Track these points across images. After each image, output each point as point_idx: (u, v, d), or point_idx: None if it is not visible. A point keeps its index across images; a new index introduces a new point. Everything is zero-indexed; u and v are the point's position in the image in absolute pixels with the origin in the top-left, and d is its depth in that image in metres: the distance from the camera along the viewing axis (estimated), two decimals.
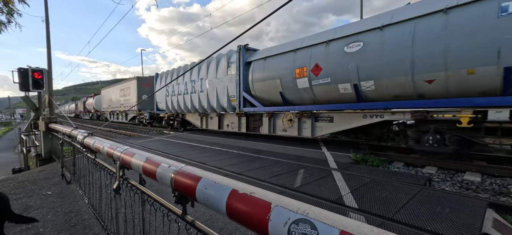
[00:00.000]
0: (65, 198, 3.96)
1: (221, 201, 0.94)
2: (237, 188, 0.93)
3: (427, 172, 5.49)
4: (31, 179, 5.17)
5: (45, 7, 8.33)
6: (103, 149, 2.35)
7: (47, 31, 8.52)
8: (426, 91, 5.90)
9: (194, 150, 7.84)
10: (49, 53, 8.53)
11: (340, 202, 3.34)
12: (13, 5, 7.37)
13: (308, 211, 0.69)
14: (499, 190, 4.40)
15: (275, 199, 0.79)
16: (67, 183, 4.72)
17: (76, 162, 4.38)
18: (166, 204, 1.49)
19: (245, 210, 0.85)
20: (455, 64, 5.27)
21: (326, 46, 7.40)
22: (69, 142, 4.51)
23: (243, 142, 9.49)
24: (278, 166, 5.43)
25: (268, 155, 6.68)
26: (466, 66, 5.16)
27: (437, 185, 4.70)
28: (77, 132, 3.64)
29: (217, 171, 5.03)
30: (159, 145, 9.05)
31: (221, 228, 2.82)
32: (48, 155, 7.52)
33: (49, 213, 3.39)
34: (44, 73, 7.73)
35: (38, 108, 8.12)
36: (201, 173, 1.14)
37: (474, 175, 5.12)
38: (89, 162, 3.28)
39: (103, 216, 2.89)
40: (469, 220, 2.74)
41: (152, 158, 1.52)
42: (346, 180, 4.27)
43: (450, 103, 5.43)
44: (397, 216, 2.88)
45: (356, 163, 5.80)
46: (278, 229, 0.71)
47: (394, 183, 4.08)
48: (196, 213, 3.11)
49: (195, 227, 1.23)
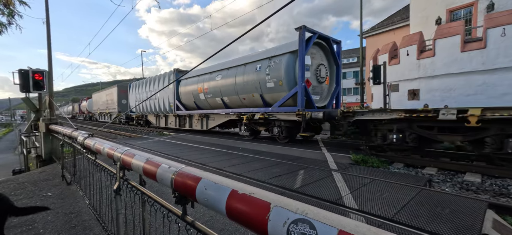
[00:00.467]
0: (65, 199, 3.96)
1: (221, 201, 0.95)
2: (237, 188, 0.93)
3: (427, 173, 5.49)
4: (31, 180, 5.18)
5: (46, 8, 8.36)
6: (104, 150, 2.35)
7: (47, 32, 8.54)
8: (243, 103, 11.35)
9: (193, 150, 7.85)
10: (50, 54, 8.55)
11: (340, 203, 3.34)
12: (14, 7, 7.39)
13: (307, 211, 0.70)
14: (499, 191, 4.40)
15: (274, 199, 0.80)
16: (68, 184, 4.72)
17: (76, 163, 4.38)
18: (166, 205, 1.49)
19: (244, 210, 0.85)
20: (249, 91, 10.69)
21: (209, 75, 12.80)
22: (70, 143, 4.52)
23: (246, 144, 9.50)
24: (278, 167, 5.44)
25: (269, 156, 6.68)
26: (252, 92, 10.57)
27: (437, 186, 4.70)
28: (78, 133, 3.64)
29: (217, 172, 5.04)
30: (159, 146, 9.05)
31: (221, 228, 2.82)
32: (48, 156, 7.53)
33: (50, 214, 3.39)
34: (45, 75, 7.74)
35: (39, 109, 8.13)
36: (201, 174, 1.14)
37: (474, 175, 5.12)
38: (90, 163, 3.28)
39: (104, 217, 2.90)
40: (469, 221, 2.74)
41: (153, 159, 1.53)
42: (346, 181, 4.27)
43: (251, 110, 10.77)
44: (397, 216, 2.88)
45: (356, 164, 5.80)
46: (277, 229, 0.72)
47: (394, 183, 4.08)
48: (196, 214, 3.12)
49: (195, 228, 1.23)
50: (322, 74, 9.66)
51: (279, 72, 9.15)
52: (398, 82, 14.23)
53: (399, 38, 15.85)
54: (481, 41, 10.92)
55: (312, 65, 9.28)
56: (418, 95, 13.17)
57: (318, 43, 9.60)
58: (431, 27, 14.20)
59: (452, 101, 11.58)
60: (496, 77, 10.52)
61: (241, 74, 10.78)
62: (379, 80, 11.15)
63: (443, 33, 12.09)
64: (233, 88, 11.19)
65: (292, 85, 8.96)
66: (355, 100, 41.63)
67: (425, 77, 12.80)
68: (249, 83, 10.43)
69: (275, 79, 9.34)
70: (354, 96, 43.54)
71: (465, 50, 11.31)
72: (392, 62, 14.48)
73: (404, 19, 20.96)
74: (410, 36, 14.19)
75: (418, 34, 13.58)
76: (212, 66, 13.00)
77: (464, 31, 11.60)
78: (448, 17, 14.29)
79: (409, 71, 13.52)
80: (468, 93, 11.27)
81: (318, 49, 9.74)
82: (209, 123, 13.18)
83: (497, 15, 10.87)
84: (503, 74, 10.37)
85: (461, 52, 11.41)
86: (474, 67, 11.04)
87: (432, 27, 13.95)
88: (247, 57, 10.89)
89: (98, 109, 32.36)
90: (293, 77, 8.97)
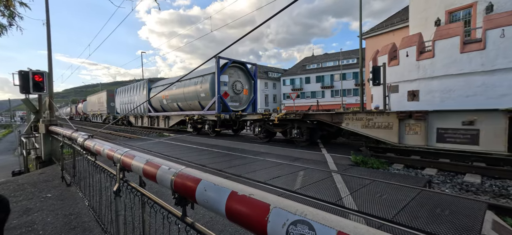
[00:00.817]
0: (65, 201, 3.96)
1: (220, 202, 0.95)
2: (237, 189, 0.93)
3: (427, 174, 5.49)
4: (31, 181, 5.17)
5: (46, 10, 8.37)
6: (104, 151, 2.35)
7: (48, 33, 8.55)
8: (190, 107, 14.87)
9: (193, 151, 7.85)
10: (50, 55, 8.56)
11: (339, 204, 3.34)
12: (14, 8, 7.39)
13: (306, 212, 0.70)
14: (499, 192, 4.41)
15: (274, 201, 0.80)
16: (67, 186, 4.72)
17: (76, 164, 4.37)
18: (166, 206, 1.50)
19: (244, 212, 0.85)
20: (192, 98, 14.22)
21: (169, 86, 15.66)
22: (69, 144, 4.51)
23: (246, 145, 9.50)
24: (278, 168, 5.44)
25: (270, 157, 6.68)
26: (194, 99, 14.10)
27: (437, 187, 4.70)
28: (78, 134, 3.64)
29: (217, 173, 5.04)
30: (159, 147, 9.05)
31: (221, 230, 2.82)
32: (48, 158, 7.52)
33: (49, 216, 3.39)
34: (45, 76, 7.74)
35: (39, 110, 8.13)
36: (201, 175, 1.15)
37: (474, 176, 5.12)
38: (89, 164, 3.28)
39: (103, 218, 2.89)
40: (468, 222, 2.74)
41: (153, 160, 1.53)
42: (346, 182, 4.27)
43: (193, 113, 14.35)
44: (397, 217, 2.88)
45: (356, 165, 5.80)
46: (276, 230, 0.72)
47: (394, 185, 4.08)
48: (196, 215, 3.11)
49: (195, 229, 1.24)
50: (238, 87, 13.46)
51: (207, 86, 12.89)
52: (397, 83, 14.25)
53: (398, 40, 15.89)
54: (480, 42, 10.94)
55: (229, 82, 13.03)
56: (417, 96, 13.19)
57: (235, 66, 13.47)
58: (431, 29, 14.22)
59: (451, 102, 11.59)
60: (496, 78, 10.53)
61: (187, 86, 14.44)
62: (379, 81, 11.16)
63: (442, 35, 12.11)
64: (183, 96, 14.84)
65: (214, 95, 12.50)
66: (355, 101, 41.66)
67: (424, 78, 12.81)
68: (191, 93, 14.16)
69: (205, 91, 13.13)
70: (354, 97, 43.56)
71: (465, 51, 11.32)
72: (391, 63, 14.50)
73: (403, 21, 21.00)
74: (410, 37, 14.22)
75: (417, 35, 13.61)
76: (171, 78, 17.90)
77: (463, 33, 11.63)
78: (447, 19, 14.31)
79: (408, 72, 13.54)
80: (468, 94, 11.29)
81: (235, 70, 13.56)
82: (169, 122, 16.87)
83: (496, 16, 10.89)
84: (502, 75, 10.38)
85: (460, 54, 11.43)
86: (474, 68, 11.06)
87: (432, 29, 13.97)
88: (191, 74, 14.29)
89: (91, 110, 35.67)
90: (214, 90, 12.47)
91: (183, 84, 14.74)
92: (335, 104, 42.58)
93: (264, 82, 55.45)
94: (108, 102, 27.54)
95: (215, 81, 12.35)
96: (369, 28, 25.98)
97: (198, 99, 13.80)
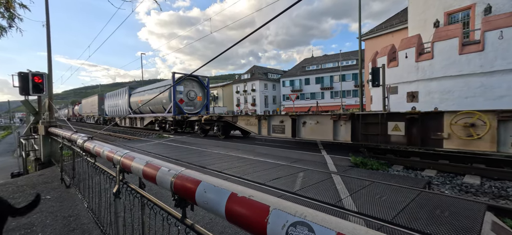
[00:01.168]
0: (64, 202, 3.95)
1: (220, 204, 0.95)
2: (236, 191, 0.93)
3: (427, 175, 5.50)
4: (30, 183, 5.16)
5: (46, 11, 8.38)
6: (103, 153, 2.35)
7: (47, 35, 8.56)
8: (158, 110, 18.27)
9: (193, 153, 7.85)
10: (50, 57, 8.56)
11: (339, 205, 3.34)
12: (14, 10, 7.40)
13: (305, 213, 0.70)
14: (498, 193, 4.41)
15: (273, 202, 0.80)
16: (66, 187, 4.71)
17: (75, 166, 4.37)
18: (165, 208, 1.50)
19: (244, 213, 0.86)
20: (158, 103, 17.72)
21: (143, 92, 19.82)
22: (69, 146, 4.51)
23: (247, 146, 9.50)
24: (278, 169, 5.44)
25: (270, 158, 6.68)
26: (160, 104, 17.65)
27: (437, 188, 4.71)
28: (77, 136, 3.64)
29: (217, 174, 5.03)
30: (159, 148, 9.04)
31: (220, 231, 2.81)
32: (47, 159, 7.50)
33: (48, 218, 3.38)
34: (44, 77, 7.73)
35: (38, 112, 8.12)
36: (201, 177, 1.15)
37: (473, 178, 5.13)
38: (89, 166, 3.28)
39: (103, 220, 2.89)
40: (468, 223, 2.74)
41: (152, 162, 1.53)
42: (346, 183, 4.27)
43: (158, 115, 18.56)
44: (397, 219, 2.88)
45: (356, 166, 5.80)
46: (276, 231, 0.72)
47: (393, 186, 4.08)
48: (195, 217, 3.11)
49: (194, 231, 1.24)
50: (192, 95, 16.96)
51: (167, 94, 16.27)
52: (397, 85, 14.28)
53: (397, 41, 15.93)
54: (479, 44, 10.97)
55: (184, 91, 16.61)
56: (416, 97, 13.21)
57: (191, 78, 17.05)
58: (429, 30, 14.27)
59: (450, 103, 11.61)
60: (494, 80, 10.56)
61: (155, 92, 17.66)
62: (378, 83, 11.17)
63: (441, 36, 12.15)
64: (153, 101, 17.53)
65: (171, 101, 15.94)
66: (354, 102, 41.69)
67: (423, 79, 12.84)
68: (158, 98, 16.96)
69: (166, 98, 16.54)
70: (354, 98, 43.62)
71: (463, 52, 11.36)
72: (391, 64, 14.53)
73: (402, 22, 21.07)
74: (409, 38, 14.25)
75: (416, 36, 13.64)
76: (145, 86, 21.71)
77: (462, 34, 11.67)
78: (446, 20, 14.36)
79: (407, 74, 13.57)
80: (467, 95, 11.31)
81: (190, 81, 17.12)
82: (144, 122, 20.70)
83: (494, 18, 10.94)
84: (501, 77, 10.41)
85: (459, 55, 11.46)
86: (472, 69, 11.08)
87: (430, 30, 14.02)
88: (158, 83, 19.67)
89: (85, 112, 39.60)
90: (172, 97, 15.87)
91: (152, 91, 18.67)
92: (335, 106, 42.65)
93: (264, 84, 55.42)
94: (99, 105, 30.91)
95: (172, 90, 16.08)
96: (368, 30, 26.05)
97: (162, 104, 17.33)
